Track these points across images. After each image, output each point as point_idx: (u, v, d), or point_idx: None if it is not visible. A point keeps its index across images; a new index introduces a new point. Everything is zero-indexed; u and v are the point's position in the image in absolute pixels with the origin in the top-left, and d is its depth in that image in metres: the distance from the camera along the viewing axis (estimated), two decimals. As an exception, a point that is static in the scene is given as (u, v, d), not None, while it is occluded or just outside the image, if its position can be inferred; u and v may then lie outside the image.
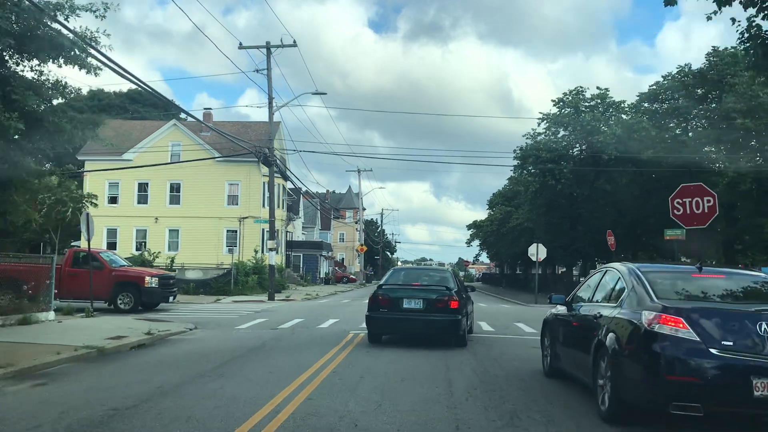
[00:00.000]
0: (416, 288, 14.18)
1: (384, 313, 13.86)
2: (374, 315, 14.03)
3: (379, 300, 13.97)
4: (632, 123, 38.87)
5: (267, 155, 32.02)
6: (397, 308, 13.70)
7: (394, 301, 13.76)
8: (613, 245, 32.71)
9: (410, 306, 13.65)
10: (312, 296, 38.61)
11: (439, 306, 13.57)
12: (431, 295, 13.78)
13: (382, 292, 14.06)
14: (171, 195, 51.72)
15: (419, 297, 13.73)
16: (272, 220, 34.00)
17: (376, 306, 14.02)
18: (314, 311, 24.96)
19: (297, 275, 58.36)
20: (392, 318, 13.78)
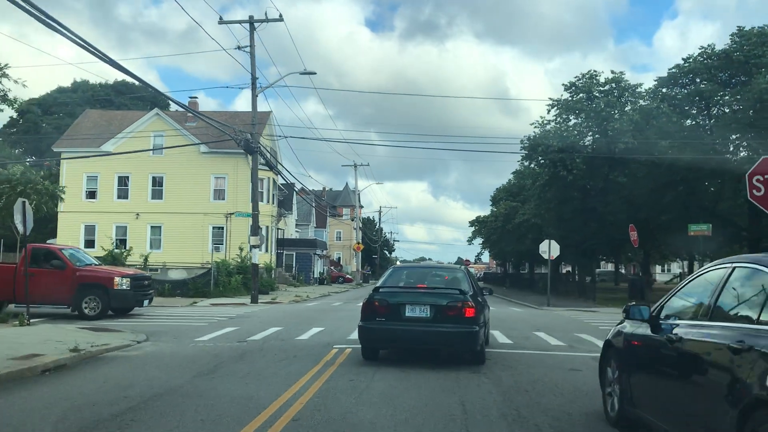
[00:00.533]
0: (421, 291, 11.46)
1: (381, 323, 11.02)
2: (369, 325, 11.16)
3: (375, 306, 11.14)
4: (650, 109, 35.55)
5: (249, 141, 28.60)
6: (397, 317, 10.92)
7: (394, 308, 10.95)
8: (636, 241, 29.39)
9: (414, 314, 10.85)
10: (301, 298, 35.23)
11: (450, 314, 10.70)
12: (441, 300, 10.91)
13: (379, 297, 11.20)
14: (153, 189, 48.33)
15: (425, 303, 10.88)
16: (255, 213, 30.63)
17: (371, 314, 11.17)
18: (298, 317, 21.59)
19: (289, 275, 54.97)
20: (391, 329, 10.95)
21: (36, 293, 19.58)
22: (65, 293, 20.06)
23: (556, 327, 19.39)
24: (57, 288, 19.90)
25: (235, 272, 34.82)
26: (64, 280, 20.04)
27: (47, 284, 19.84)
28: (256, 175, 30.77)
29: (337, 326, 18.29)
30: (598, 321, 22.21)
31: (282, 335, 15.93)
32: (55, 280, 19.92)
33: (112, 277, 20.48)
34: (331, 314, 22.94)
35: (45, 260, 20.46)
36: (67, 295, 20.10)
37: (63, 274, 20.12)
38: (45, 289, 19.81)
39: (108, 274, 20.79)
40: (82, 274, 20.44)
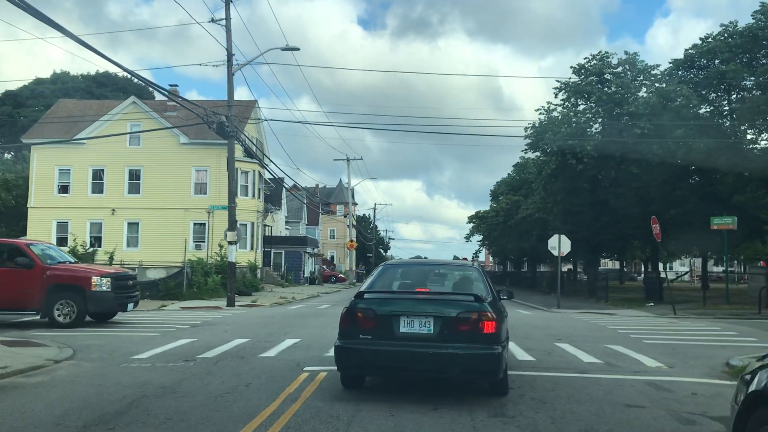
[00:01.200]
0: (423, 298, 8.30)
1: (366, 342, 7.87)
2: (349, 345, 7.99)
3: (357, 318, 8.00)
4: (669, 90, 32.42)
5: (224, 125, 25.37)
6: (388, 333, 7.82)
7: (385, 321, 7.85)
8: (659, 235, 26.27)
9: (412, 329, 7.79)
10: (286, 300, 32.03)
11: (462, 329, 7.67)
12: (449, 309, 7.84)
13: (364, 306, 8.06)
14: (130, 183, 45.08)
15: (428, 313, 7.81)
16: (232, 206, 27.41)
17: (352, 329, 8.03)
18: (273, 324, 18.39)
19: (277, 275, 51.75)
20: (380, 351, 7.81)
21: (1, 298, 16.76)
22: (33, 297, 16.90)
23: (580, 336, 16.25)
24: (23, 290, 16.79)
25: (212, 272, 31.61)
26: (32, 280, 16.86)
27: (11, 286, 16.78)
28: (233, 163, 27.56)
29: (316, 336, 15.10)
30: (623, 326, 19.08)
31: (245, 350, 12.73)
32: (21, 281, 16.81)
33: (89, 277, 17.19)
34: (313, 320, 19.75)
35: (9, 258, 17.34)
36: (36, 298, 16.93)
37: (30, 274, 16.94)
38: (9, 292, 16.77)
39: (85, 274, 17.46)
40: (53, 274, 17.20)
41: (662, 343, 15.00)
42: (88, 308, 17.18)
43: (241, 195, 45.52)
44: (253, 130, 49.50)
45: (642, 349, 13.72)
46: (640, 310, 27.85)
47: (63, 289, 17.13)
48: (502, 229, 51.29)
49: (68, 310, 17.05)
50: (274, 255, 55.60)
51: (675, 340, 15.56)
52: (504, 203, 50.73)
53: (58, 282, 17.14)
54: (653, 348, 13.92)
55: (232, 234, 26.96)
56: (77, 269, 18.02)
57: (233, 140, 27.04)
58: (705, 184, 40.54)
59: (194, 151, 44.50)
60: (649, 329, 18.43)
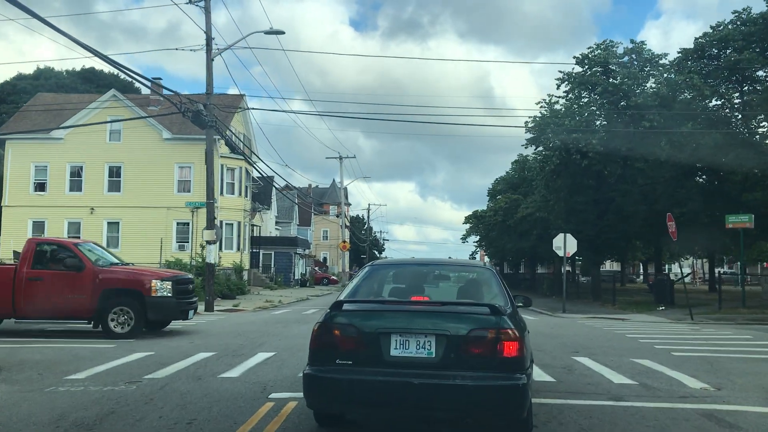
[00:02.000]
0: (420, 310, 6.27)
1: (346, 370, 5.88)
2: (323, 374, 5.97)
3: (334, 338, 6.02)
4: (679, 80, 30.45)
5: (201, 113, 23.26)
6: (375, 357, 5.85)
7: (370, 342, 5.88)
8: (675, 233, 24.29)
9: (407, 353, 5.82)
10: (272, 303, 29.92)
11: (475, 352, 5.73)
12: (456, 325, 5.85)
13: (344, 320, 6.09)
14: (110, 180, 42.92)
15: (428, 330, 5.85)
16: (211, 202, 25.36)
17: (328, 351, 6.05)
18: (250, 332, 16.28)
19: (265, 276, 49.59)
20: (365, 382, 5.79)
21: (42, 306, 14.76)
22: (85, 303, 14.93)
23: (599, 347, 14.19)
24: (73, 296, 14.87)
25: (192, 274, 29.36)
26: (83, 285, 14.96)
27: (59, 291, 14.83)
28: (212, 155, 25.52)
29: (294, 348, 13.01)
30: (642, 335, 17.05)
31: (205, 368, 10.63)
32: (70, 286, 14.89)
33: (148, 281, 15.23)
34: (296, 327, 17.64)
35: (53, 259, 15.37)
36: (88, 305, 14.95)
37: (80, 277, 15.01)
38: (56, 298, 14.80)
39: (143, 277, 15.48)
40: (108, 278, 15.21)
41: (694, 356, 12.98)
42: (147, 316, 15.15)
43: (227, 193, 43.52)
44: (240, 125, 47.41)
45: (675, 364, 11.69)
46: (652, 314, 25.85)
47: (119, 294, 15.14)
48: (501, 229, 49.23)
49: (125, 318, 15.06)
50: (263, 256, 53.46)
51: (707, 352, 13.54)
52: (503, 202, 48.66)
53: (113, 286, 15.16)
54: (687, 363, 11.89)
55: (210, 233, 24.88)
56: (134, 272, 16.01)
57: (212, 131, 24.97)
58: (712, 181, 38.69)
59: (177, 146, 42.36)
60: (672, 338, 16.39)
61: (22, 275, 14.94)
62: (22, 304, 14.91)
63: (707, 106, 34.98)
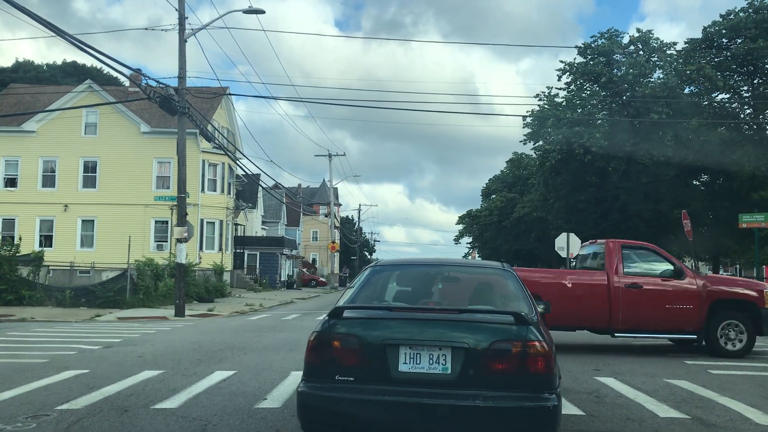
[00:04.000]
0: (433, 318, 5.26)
1: (347, 388, 5.00)
2: (320, 392, 5.08)
3: (333, 350, 5.14)
4: (689, 71, 28.48)
5: (172, 98, 21.06)
6: (381, 373, 4.98)
7: (375, 355, 5.02)
8: (690, 232, 22.28)
9: (418, 368, 4.99)
10: (251, 308, 27.73)
11: (498, 368, 4.89)
12: (476, 336, 5.01)
13: (344, 330, 5.20)
14: (85, 176, 40.61)
15: (442, 342, 5.00)
16: (182, 196, 23.20)
17: (326, 365, 5.15)
18: (215, 343, 14.09)
19: (250, 278, 47.30)
20: (370, 402, 4.88)
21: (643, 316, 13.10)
22: (690, 317, 13.05)
23: (622, 362, 12.10)
24: (677, 307, 13.06)
25: (165, 275, 27.20)
26: (687, 294, 13.11)
27: (660, 302, 13.13)
28: (183, 145, 23.37)
29: (260, 366, 10.84)
30: (664, 346, 14.97)
31: (138, 396, 8.45)
32: (673, 296, 13.11)
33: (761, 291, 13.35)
34: (269, 336, 15.45)
35: (645, 263, 13.66)
36: (694, 319, 13.04)
37: (682, 285, 13.18)
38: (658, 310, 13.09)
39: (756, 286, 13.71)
40: (716, 289, 13.32)
41: (737, 374, 10.92)
42: (763, 331, 13.14)
43: (209, 190, 41.30)
44: (224, 120, 45.20)
45: (720, 387, 9.63)
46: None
47: (728, 306, 13.23)
48: (496, 230, 47.13)
49: (734, 333, 13.11)
50: (248, 257, 51.18)
51: (748, 369, 11.49)
52: (498, 201, 46.56)
53: (722, 297, 13.24)
54: (734, 385, 9.82)
55: (181, 230, 22.70)
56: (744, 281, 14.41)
57: (185, 118, 22.76)
58: (717, 179, 36.79)
59: (157, 141, 40.00)
60: (697, 350, 14.31)
61: (617, 282, 13.13)
62: (620, 315, 13.03)
63: (713, 100, 33.17)
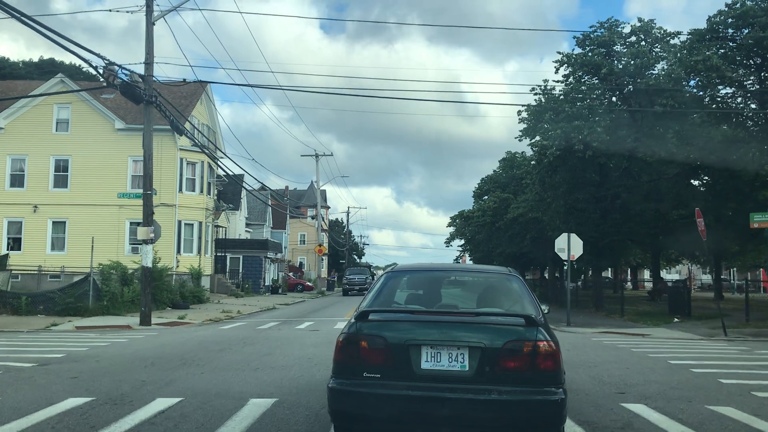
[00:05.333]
0: (452, 321, 5.68)
1: (374, 384, 5.43)
2: (350, 387, 5.48)
3: (361, 350, 5.51)
4: (697, 61, 26.72)
5: (136, 84, 19.03)
6: (406, 370, 5.42)
7: (400, 354, 5.46)
8: (704, 232, 20.48)
9: (439, 366, 5.43)
10: (228, 315, 25.71)
11: (511, 366, 5.36)
12: (491, 337, 5.45)
13: (371, 332, 5.57)
14: (56, 175, 38.46)
15: (461, 342, 5.45)
16: (148, 193, 21.20)
17: (354, 363, 5.54)
18: (169, 359, 12.09)
19: (231, 283, 45.19)
20: (396, 396, 5.33)
21: None
22: None
23: (648, 382, 10.23)
24: None
25: (135, 280, 25.13)
26: None
27: None
28: (150, 137, 21.33)
29: (210, 393, 8.86)
30: (687, 360, 13.12)
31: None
32: None
33: None
34: (234, 352, 13.44)
35: None
36: None
37: None
38: None
39: None
40: None
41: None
42: None
43: (188, 190, 39.27)
44: (204, 117, 43.19)
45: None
46: (673, 328, 22.00)
47: None
48: (490, 231, 45.23)
49: None
50: (231, 261, 49.05)
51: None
52: (491, 201, 44.67)
53: None
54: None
55: (145, 230, 20.70)
56: None
57: (151, 108, 20.74)
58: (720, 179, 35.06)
59: (132, 138, 37.74)
60: (728, 365, 12.48)
61: None
62: None
63: (717, 94, 31.45)
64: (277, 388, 9.19)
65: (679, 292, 26.89)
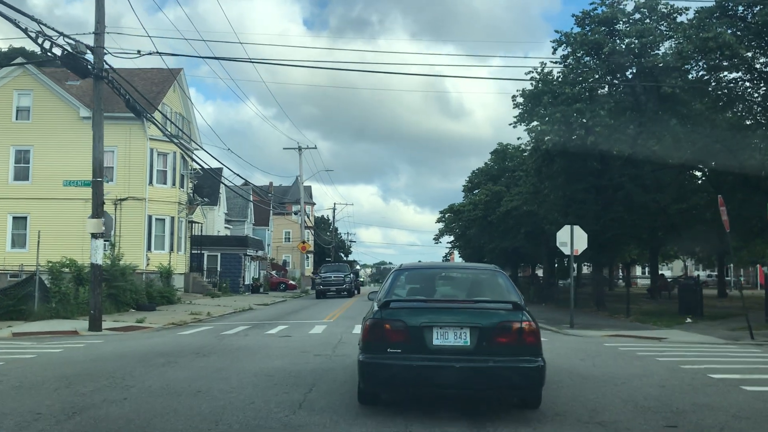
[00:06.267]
0: (455, 307, 7.48)
1: (396, 357, 7.07)
2: (377, 360, 7.14)
3: (385, 331, 7.18)
4: (707, 38, 24.54)
5: (81, 56, 16.56)
6: (420, 346, 7.07)
7: (416, 334, 7.10)
8: (728, 222, 18.31)
9: (447, 342, 7.10)
10: (195, 318, 23.27)
11: (503, 341, 7.07)
12: (486, 319, 7.18)
13: (392, 317, 7.24)
14: (17, 167, 35.93)
15: (463, 324, 7.14)
16: (98, 180, 18.74)
17: (380, 342, 7.18)
18: (92, 379, 9.65)
19: (208, 281, 42.69)
20: (413, 367, 6.98)
21: None
22: None
23: (693, 407, 7.96)
24: None
25: (88, 278, 22.53)
26: None
27: None
28: (100, 116, 18.94)
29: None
30: (724, 372, 10.88)
31: None
32: None
33: None
34: (185, 364, 11.02)
35: None
36: None
37: None
38: None
39: None
40: None
41: None
42: None
43: (158, 182, 36.77)
44: (178, 105, 40.64)
45: None
46: (688, 330, 19.79)
47: None
48: (481, 226, 42.91)
49: None
50: (208, 258, 46.49)
51: None
52: (483, 194, 42.35)
53: None
54: None
55: (96, 222, 18.20)
56: None
57: (101, 84, 18.33)
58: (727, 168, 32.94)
59: (99, 127, 35.19)
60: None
61: None
62: None
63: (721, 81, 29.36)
64: (212, 424, 6.83)
65: (691, 291, 24.69)
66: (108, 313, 23.58)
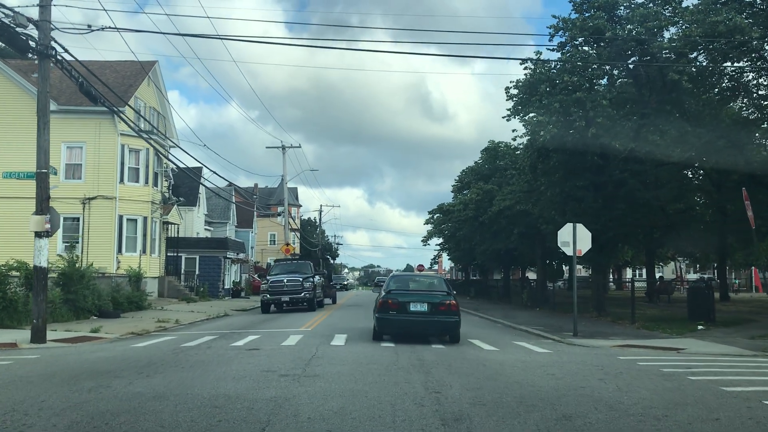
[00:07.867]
0: (420, 293, 16.47)
1: (393, 315, 15.78)
2: (384, 316, 15.88)
3: (389, 304, 15.82)
4: (717, 22, 22.75)
5: (20, 25, 14.45)
6: (404, 311, 15.68)
7: (402, 305, 15.71)
8: (753, 218, 16.43)
9: (416, 309, 15.70)
10: (161, 325, 21.13)
11: (441, 309, 15.78)
12: (434, 298, 16.01)
13: (392, 297, 15.96)
14: (-32, 163, 33.51)
15: (424, 301, 15.84)
16: (43, 172, 16.60)
17: (385, 309, 15.85)
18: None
19: (185, 285, 40.45)
20: (401, 320, 15.75)
21: None
22: None
23: None
24: None
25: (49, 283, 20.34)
26: None
27: None
28: (45, 99, 16.73)
29: None
30: None
31: None
32: None
33: None
34: (115, 393, 8.89)
35: None
36: None
37: None
38: None
39: None
40: None
41: None
42: None
43: (130, 180, 34.57)
44: (152, 99, 38.42)
45: None
46: (704, 338, 17.89)
47: None
48: (472, 227, 40.93)
49: None
50: (186, 262, 44.26)
51: None
52: (474, 194, 40.38)
53: None
54: None
55: (39, 220, 16.12)
56: None
57: (47, 62, 16.17)
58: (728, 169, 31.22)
59: (66, 122, 32.92)
60: None
61: None
62: None
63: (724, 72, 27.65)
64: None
65: (702, 295, 22.77)
66: (64, 320, 21.51)
